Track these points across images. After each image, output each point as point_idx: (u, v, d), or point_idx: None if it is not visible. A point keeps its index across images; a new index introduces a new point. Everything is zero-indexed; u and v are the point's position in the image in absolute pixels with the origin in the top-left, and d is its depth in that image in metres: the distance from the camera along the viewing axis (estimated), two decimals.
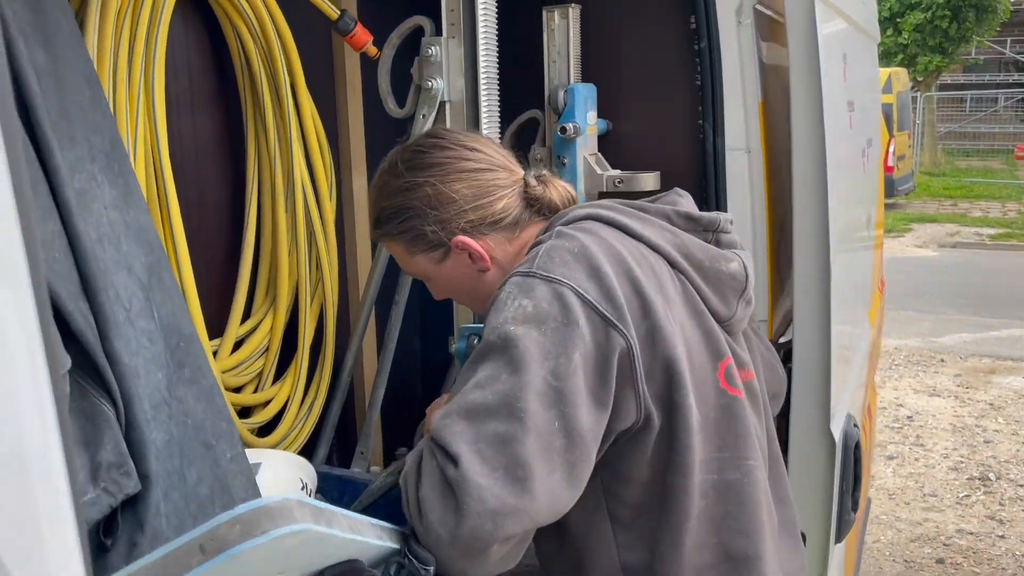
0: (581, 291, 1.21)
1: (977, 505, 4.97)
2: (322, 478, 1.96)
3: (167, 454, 1.05)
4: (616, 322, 1.21)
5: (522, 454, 1.12)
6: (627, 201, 1.45)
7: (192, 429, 1.13)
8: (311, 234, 1.99)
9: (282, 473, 1.41)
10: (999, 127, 21.90)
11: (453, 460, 1.12)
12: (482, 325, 1.89)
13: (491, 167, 1.41)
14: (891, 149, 13.93)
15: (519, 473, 1.11)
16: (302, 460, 1.52)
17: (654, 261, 1.34)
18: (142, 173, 1.58)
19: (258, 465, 1.37)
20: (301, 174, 1.93)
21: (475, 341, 1.85)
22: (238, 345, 1.86)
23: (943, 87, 22.11)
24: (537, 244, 1.33)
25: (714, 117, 2.06)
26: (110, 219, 1.07)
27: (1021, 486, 5.21)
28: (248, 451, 1.44)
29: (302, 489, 1.43)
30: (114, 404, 0.99)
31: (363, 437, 2.23)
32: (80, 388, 0.95)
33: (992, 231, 13.15)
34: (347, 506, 1.96)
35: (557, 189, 1.46)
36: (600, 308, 1.21)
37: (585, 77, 2.17)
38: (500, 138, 1.95)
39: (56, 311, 0.91)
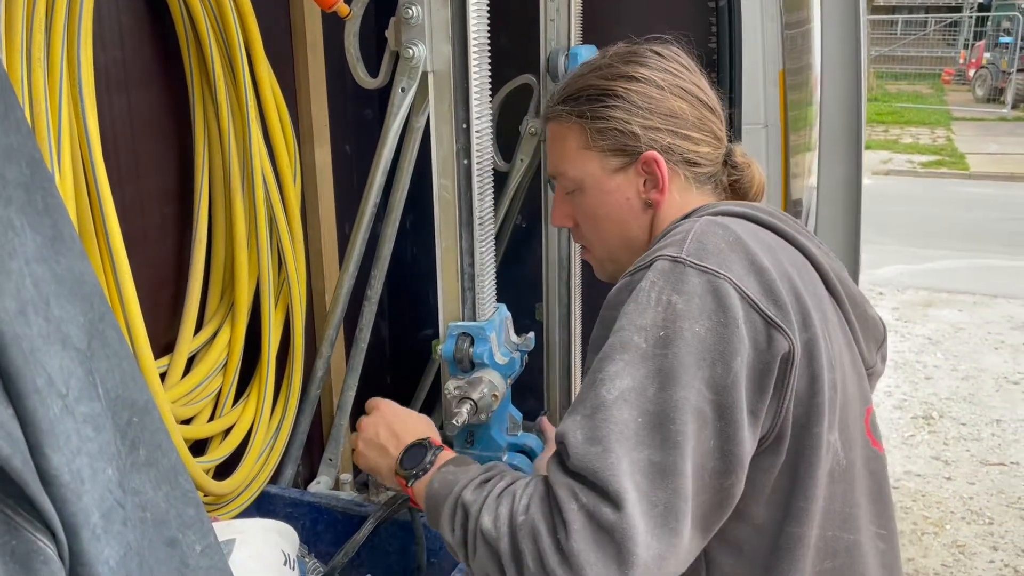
0: (740, 286, 1.03)
1: (922, 445, 5.04)
2: (292, 505, 1.75)
3: (124, 572, 0.83)
4: (780, 323, 1.04)
5: (683, 487, 0.94)
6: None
7: (152, 527, 0.91)
8: (272, 223, 1.70)
9: (260, 548, 1.19)
10: (927, 51, 22.14)
11: (614, 501, 0.92)
12: (474, 324, 1.66)
13: (714, 110, 1.26)
14: None
15: (681, 507, 0.94)
16: (282, 526, 1.29)
17: (815, 277, 1.16)
18: (69, 170, 1.28)
19: (231, 543, 1.14)
20: (260, 154, 1.64)
21: (467, 344, 1.61)
22: (191, 363, 1.59)
23: (875, 9, 22.14)
24: (677, 226, 1.14)
25: (731, 87, 1.82)
26: (35, 278, 0.80)
27: (963, 424, 5.30)
28: (218, 525, 1.20)
29: (284, 564, 1.20)
30: (54, 536, 0.76)
31: (331, 442, 2.01)
32: (8, 524, 0.74)
33: (923, 158, 13.35)
34: (321, 536, 1.75)
35: (757, 173, 1.30)
36: (761, 307, 1.03)
37: (585, 39, 1.89)
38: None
39: None
